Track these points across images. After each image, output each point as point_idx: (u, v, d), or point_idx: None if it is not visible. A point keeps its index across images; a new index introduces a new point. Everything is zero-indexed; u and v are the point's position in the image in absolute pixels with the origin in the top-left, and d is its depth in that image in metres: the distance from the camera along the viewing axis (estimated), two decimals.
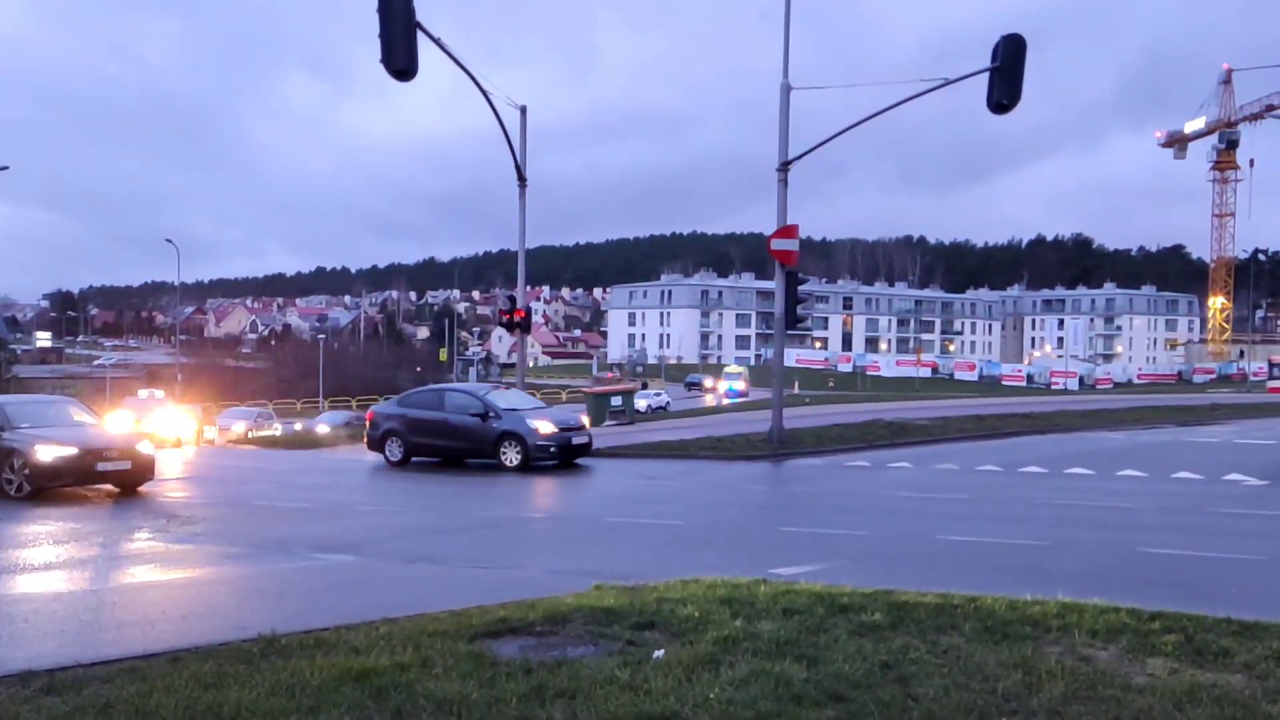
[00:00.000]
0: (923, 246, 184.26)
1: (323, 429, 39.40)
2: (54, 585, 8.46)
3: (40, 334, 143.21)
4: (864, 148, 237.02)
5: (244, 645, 5.79)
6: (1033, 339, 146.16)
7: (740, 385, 70.85)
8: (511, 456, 17.66)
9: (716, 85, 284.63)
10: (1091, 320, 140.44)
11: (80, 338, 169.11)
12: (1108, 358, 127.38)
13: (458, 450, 18.60)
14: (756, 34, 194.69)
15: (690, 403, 60.07)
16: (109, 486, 15.16)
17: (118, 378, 77.16)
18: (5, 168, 46.02)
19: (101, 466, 14.67)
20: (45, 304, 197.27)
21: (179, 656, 5.58)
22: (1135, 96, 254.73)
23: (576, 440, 18.46)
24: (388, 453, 19.08)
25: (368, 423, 20.24)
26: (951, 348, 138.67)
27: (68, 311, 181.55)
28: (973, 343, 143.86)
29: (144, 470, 15.20)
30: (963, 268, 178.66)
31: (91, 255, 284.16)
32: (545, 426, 17.90)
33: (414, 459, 19.08)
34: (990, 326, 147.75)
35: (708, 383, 78.65)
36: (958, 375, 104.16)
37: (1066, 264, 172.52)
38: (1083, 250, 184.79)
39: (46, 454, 14.25)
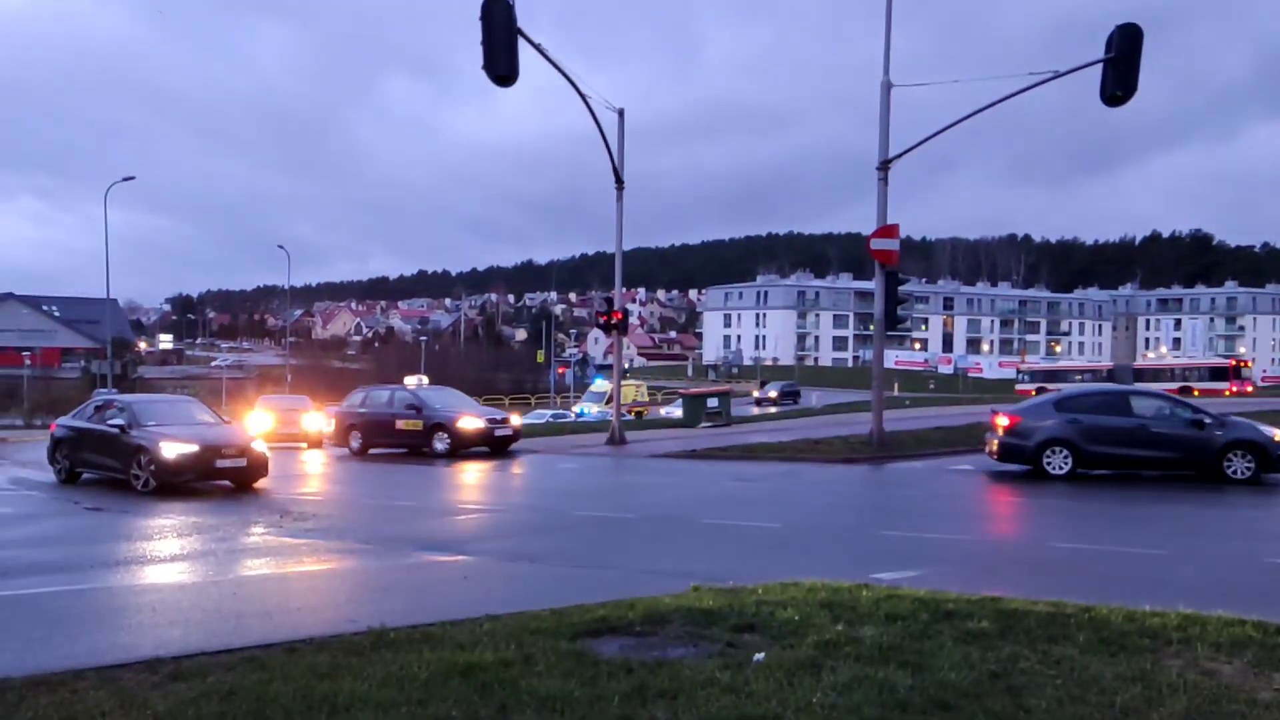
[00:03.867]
0: (1027, 245, 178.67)
1: None
2: (178, 576, 8.90)
3: (163, 336, 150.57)
4: (972, 142, 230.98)
5: (360, 637, 5.97)
6: (1147, 340, 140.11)
7: (603, 407, 42.55)
8: (1240, 468, 15.64)
9: (819, 79, 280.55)
10: (1211, 320, 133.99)
11: (199, 340, 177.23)
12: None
13: (1162, 461, 16.13)
14: (862, 25, 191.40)
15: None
16: (226, 483, 15.88)
17: (233, 378, 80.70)
18: (131, 178, 48.56)
19: (220, 463, 15.41)
20: (167, 307, 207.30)
21: (295, 647, 5.81)
22: (1276, 81, 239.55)
23: None
24: (1048, 465, 16.17)
25: (1003, 430, 16.79)
26: (1057, 349, 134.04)
27: (187, 315, 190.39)
28: (1081, 343, 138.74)
29: (259, 467, 15.88)
30: (1070, 266, 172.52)
31: (208, 260, 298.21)
32: (1279, 433, 15.98)
33: (1078, 471, 16.23)
34: (1100, 327, 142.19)
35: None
36: None
37: (1183, 261, 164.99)
38: (1201, 247, 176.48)
39: (171, 451, 15.02)
